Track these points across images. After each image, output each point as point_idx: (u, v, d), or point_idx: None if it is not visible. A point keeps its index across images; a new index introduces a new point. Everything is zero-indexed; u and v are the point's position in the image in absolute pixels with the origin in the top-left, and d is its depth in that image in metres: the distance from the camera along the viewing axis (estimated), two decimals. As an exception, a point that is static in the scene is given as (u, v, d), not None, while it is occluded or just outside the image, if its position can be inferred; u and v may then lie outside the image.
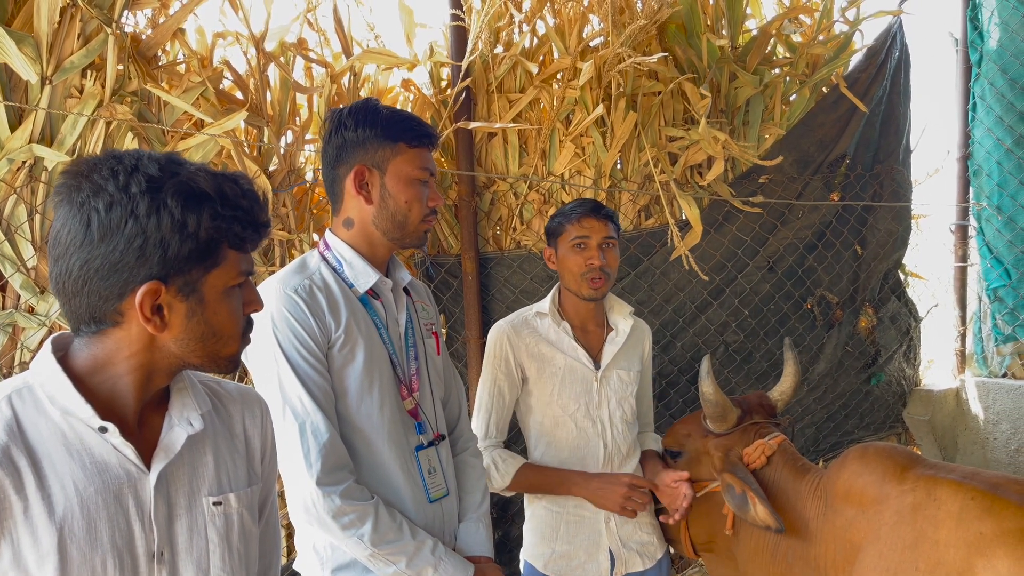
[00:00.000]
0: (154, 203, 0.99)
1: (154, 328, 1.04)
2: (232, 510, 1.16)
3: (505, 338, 2.15)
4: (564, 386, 2.14)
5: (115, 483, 1.04)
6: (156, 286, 1.01)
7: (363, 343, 1.63)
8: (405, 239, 1.70)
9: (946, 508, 1.58)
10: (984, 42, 4.05)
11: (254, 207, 1.08)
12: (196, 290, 1.05)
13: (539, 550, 2.17)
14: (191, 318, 1.06)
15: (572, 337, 2.16)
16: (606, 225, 2.13)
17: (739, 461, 2.02)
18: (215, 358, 1.11)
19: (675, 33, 3.31)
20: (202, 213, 1.01)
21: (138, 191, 0.98)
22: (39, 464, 1.00)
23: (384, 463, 1.65)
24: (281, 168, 2.72)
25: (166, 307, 1.04)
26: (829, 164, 3.60)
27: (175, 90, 2.45)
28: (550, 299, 2.22)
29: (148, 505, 1.07)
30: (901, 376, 4.04)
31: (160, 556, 1.07)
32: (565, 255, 2.15)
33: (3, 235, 2.21)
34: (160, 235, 0.99)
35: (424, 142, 1.68)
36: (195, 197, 1.01)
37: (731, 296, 3.44)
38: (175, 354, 1.08)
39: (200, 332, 1.07)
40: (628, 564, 2.14)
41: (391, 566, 1.56)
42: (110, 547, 1.02)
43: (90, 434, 1.04)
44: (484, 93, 3.09)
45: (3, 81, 2.18)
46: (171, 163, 1.03)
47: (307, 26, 2.83)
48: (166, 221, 0.99)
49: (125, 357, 1.06)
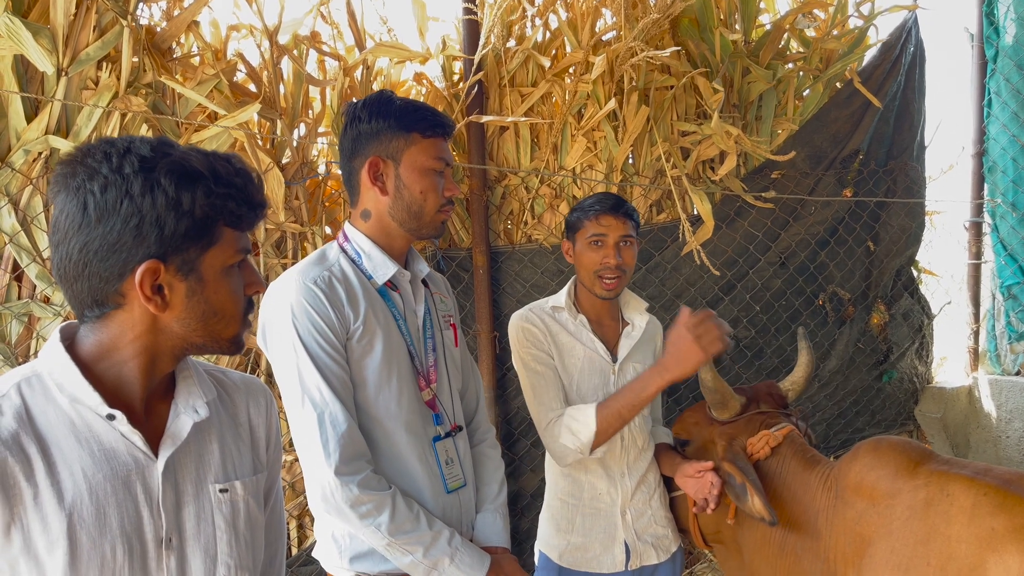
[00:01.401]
0: (148, 182, 1.00)
1: (155, 307, 1.05)
2: (238, 497, 1.17)
3: (529, 323, 2.14)
4: (583, 377, 2.14)
5: (123, 470, 1.05)
6: (155, 264, 1.02)
7: (381, 334, 1.64)
8: (422, 229, 1.70)
9: (959, 504, 1.57)
10: (1000, 38, 4.01)
11: (248, 185, 1.08)
12: (195, 269, 1.06)
13: (554, 541, 2.17)
14: (191, 297, 1.07)
15: (590, 330, 2.16)
16: (625, 223, 2.11)
17: (741, 451, 2.01)
18: (217, 339, 1.11)
19: (688, 27, 3.30)
20: (196, 191, 1.02)
21: (132, 171, 1.00)
22: (48, 451, 1.01)
23: (402, 453, 1.65)
24: (294, 161, 2.73)
25: (166, 286, 1.05)
26: (842, 160, 3.58)
27: (189, 82, 2.47)
28: (565, 293, 2.21)
29: (156, 492, 1.08)
30: (913, 373, 4.02)
31: (168, 542, 1.08)
32: (581, 251, 2.14)
33: (19, 225, 2.23)
34: (156, 213, 1.00)
35: (438, 131, 1.68)
36: (188, 175, 1.02)
37: (742, 292, 3.43)
38: (178, 335, 1.09)
39: (201, 311, 1.08)
40: (643, 557, 2.14)
41: (408, 555, 1.57)
42: (119, 533, 1.03)
43: (98, 421, 1.05)
44: (496, 87, 3.09)
45: (20, 73, 2.20)
46: (163, 144, 1.04)
47: (320, 19, 2.84)
48: (160, 199, 1.00)
49: (129, 340, 1.07)
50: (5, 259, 2.24)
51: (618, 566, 2.12)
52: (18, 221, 2.23)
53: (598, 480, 2.14)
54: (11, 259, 2.24)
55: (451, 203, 1.72)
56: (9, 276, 2.24)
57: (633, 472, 2.16)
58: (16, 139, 2.22)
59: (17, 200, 2.23)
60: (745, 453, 2.02)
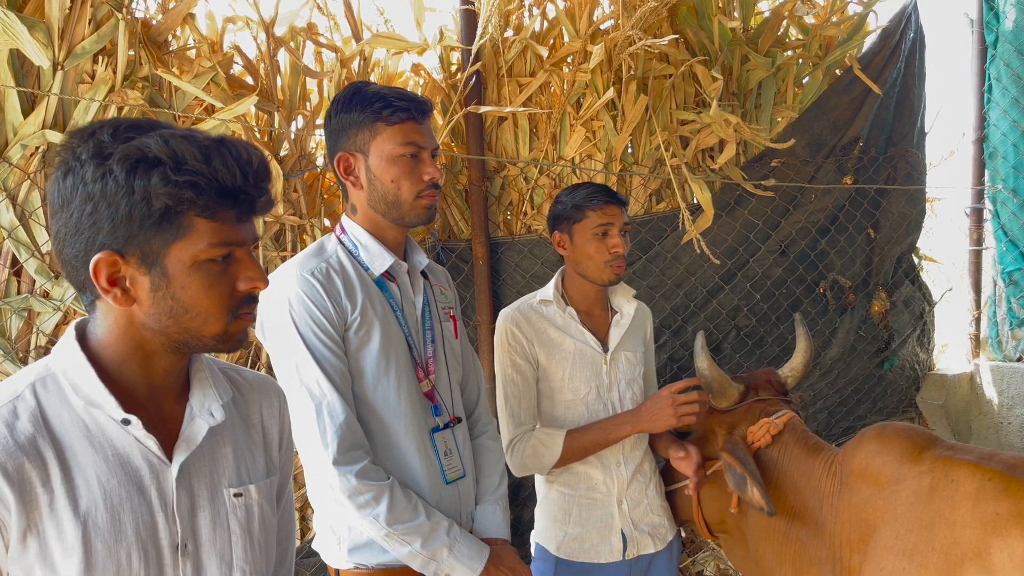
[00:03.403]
0: (99, 169, 0.97)
1: (115, 300, 1.01)
2: (252, 501, 1.15)
3: (514, 324, 2.14)
4: (575, 370, 2.14)
5: (137, 475, 1.03)
6: (110, 256, 0.98)
7: (379, 325, 1.64)
8: (405, 217, 1.68)
9: (963, 489, 1.57)
10: (1000, 23, 4.00)
11: (219, 172, 0.98)
12: (158, 262, 1.00)
13: (551, 533, 2.17)
14: (156, 292, 1.01)
15: (579, 321, 2.16)
16: (623, 211, 2.15)
17: (741, 440, 2.00)
18: (197, 336, 1.05)
19: (686, 15, 3.28)
20: (150, 179, 0.96)
21: (87, 157, 0.97)
22: (64, 456, 0.99)
23: (400, 444, 1.65)
24: (292, 153, 2.72)
25: (128, 279, 1.01)
26: (842, 147, 3.57)
27: (186, 75, 2.46)
28: (553, 286, 2.20)
29: (171, 497, 1.06)
30: (915, 360, 4.02)
31: (184, 548, 1.06)
32: (586, 242, 2.12)
33: (18, 220, 2.22)
34: (107, 201, 0.97)
35: (403, 116, 1.63)
36: (142, 162, 0.96)
37: (743, 280, 3.42)
38: (154, 330, 1.04)
39: (168, 307, 1.02)
40: (640, 546, 2.15)
41: (406, 546, 1.57)
42: (134, 539, 1.02)
43: (112, 425, 1.03)
44: (494, 77, 3.08)
45: (16, 67, 2.19)
46: (130, 128, 0.99)
47: (317, 11, 2.82)
48: (111, 187, 0.96)
49: (119, 335, 1.05)
50: (4, 254, 2.23)
51: (615, 555, 2.13)
52: (16, 216, 2.22)
53: (594, 470, 2.14)
54: (10, 254, 2.24)
55: (435, 187, 1.68)
56: (8, 271, 2.24)
57: (629, 462, 2.16)
58: (13, 134, 2.21)
59: (15, 195, 2.22)
60: (745, 442, 2.01)
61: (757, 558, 2.02)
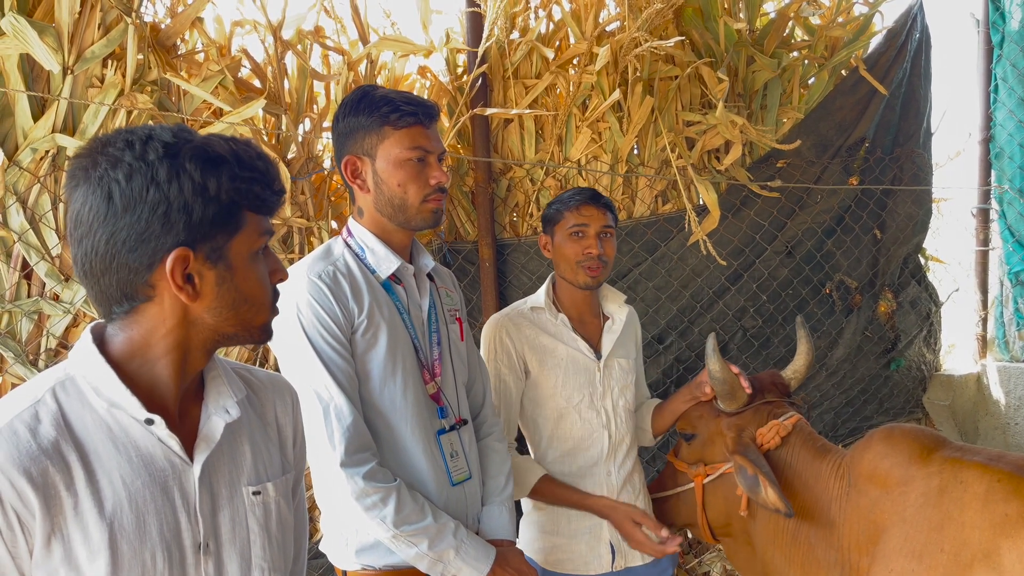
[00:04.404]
0: (173, 168, 0.98)
1: (187, 297, 1.02)
2: (270, 499, 1.16)
3: (504, 331, 2.11)
4: (568, 377, 2.11)
5: (161, 476, 1.04)
6: (185, 252, 1.00)
7: (386, 328, 1.65)
8: (411, 221, 1.69)
9: (972, 490, 1.57)
10: (1006, 23, 3.99)
11: (269, 168, 1.07)
12: (223, 256, 1.04)
13: (539, 544, 2.14)
14: (221, 285, 1.04)
15: (571, 328, 2.14)
16: (604, 214, 2.10)
17: (751, 442, 2.00)
18: (248, 327, 1.09)
19: (692, 17, 3.28)
20: (221, 175, 1.00)
21: (156, 158, 0.98)
22: (87, 458, 0.99)
23: (407, 446, 1.66)
24: (299, 156, 2.74)
25: (196, 275, 1.02)
26: (848, 148, 3.57)
27: (194, 79, 2.47)
28: (544, 292, 2.17)
29: (193, 497, 1.06)
30: (921, 361, 4.01)
31: (206, 547, 1.07)
32: (562, 243, 2.10)
33: (28, 224, 2.23)
34: (183, 200, 0.98)
35: (410, 121, 1.65)
36: (213, 160, 1.00)
37: (749, 281, 3.42)
38: (209, 325, 1.06)
39: (232, 299, 1.06)
40: (628, 558, 2.12)
41: (413, 548, 1.58)
42: (159, 540, 1.02)
43: (135, 426, 1.03)
44: (500, 79, 3.08)
45: (26, 71, 2.20)
46: (183, 131, 1.03)
47: (324, 14, 2.83)
48: (187, 185, 0.98)
49: (162, 336, 1.05)
50: (15, 257, 2.25)
51: (604, 567, 2.10)
52: (27, 219, 2.23)
53: (583, 480, 2.12)
54: (20, 257, 2.25)
55: (441, 191, 1.69)
56: (19, 274, 2.25)
57: (619, 473, 2.14)
58: (23, 138, 2.22)
59: (25, 198, 2.23)
60: (755, 444, 2.01)
61: (765, 561, 2.02)
